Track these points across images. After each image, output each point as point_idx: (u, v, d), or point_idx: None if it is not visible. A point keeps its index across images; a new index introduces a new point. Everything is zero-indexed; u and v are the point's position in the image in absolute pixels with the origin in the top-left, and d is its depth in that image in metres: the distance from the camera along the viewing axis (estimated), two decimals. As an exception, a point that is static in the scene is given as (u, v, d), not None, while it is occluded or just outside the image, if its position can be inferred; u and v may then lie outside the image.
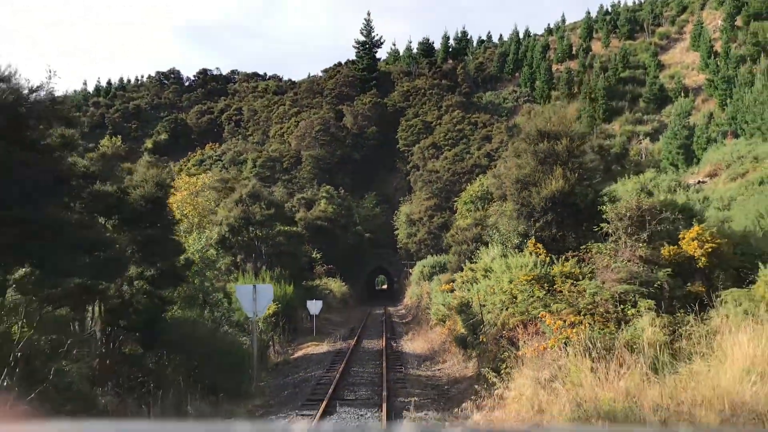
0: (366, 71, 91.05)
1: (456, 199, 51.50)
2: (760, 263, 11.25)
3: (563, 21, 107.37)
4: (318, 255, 38.75)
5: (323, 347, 22.20)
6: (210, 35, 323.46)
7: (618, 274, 11.04)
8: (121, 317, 12.80)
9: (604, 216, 12.19)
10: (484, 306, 12.66)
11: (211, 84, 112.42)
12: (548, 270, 12.11)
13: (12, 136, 6.08)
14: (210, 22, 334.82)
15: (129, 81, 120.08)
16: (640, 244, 11.45)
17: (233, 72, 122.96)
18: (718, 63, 71.60)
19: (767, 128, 41.47)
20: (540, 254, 12.88)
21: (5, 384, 8.24)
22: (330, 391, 12.70)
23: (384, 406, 11.10)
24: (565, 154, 13.60)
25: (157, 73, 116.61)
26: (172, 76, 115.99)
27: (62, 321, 11.29)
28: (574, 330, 9.63)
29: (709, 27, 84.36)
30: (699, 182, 39.26)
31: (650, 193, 37.34)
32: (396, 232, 61.75)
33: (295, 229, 32.67)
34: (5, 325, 8.34)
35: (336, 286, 41.71)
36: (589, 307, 10.39)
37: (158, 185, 13.76)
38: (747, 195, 25.14)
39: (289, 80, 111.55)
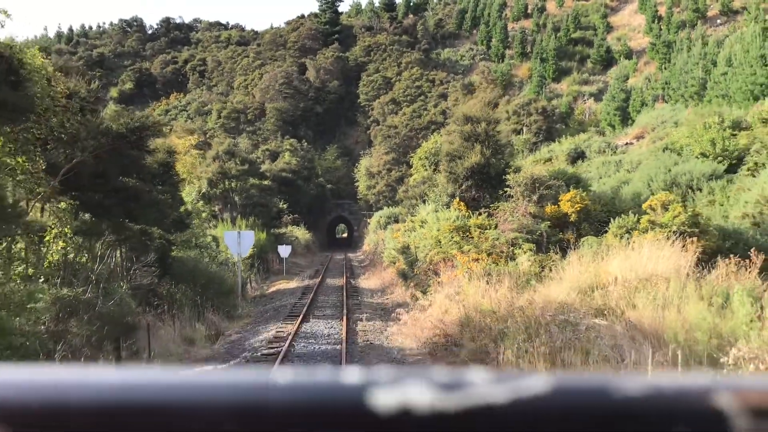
0: (328, 24, 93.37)
1: (412, 154, 55.51)
2: (611, 219, 15.79)
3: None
4: (285, 205, 42.65)
5: (293, 284, 26.46)
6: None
7: (512, 225, 15.42)
8: (141, 254, 16.75)
9: (507, 183, 16.50)
10: (418, 248, 16.95)
11: (174, 33, 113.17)
12: (466, 222, 16.41)
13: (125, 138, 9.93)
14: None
15: (91, 28, 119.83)
16: (531, 204, 15.82)
17: (196, 20, 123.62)
18: (661, 27, 76.12)
19: (689, 95, 46.25)
20: (461, 210, 17.16)
21: (90, 295, 12.25)
22: (304, 310, 16.98)
23: (344, 318, 15.42)
24: (483, 135, 17.78)
25: (120, 20, 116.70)
26: (135, 24, 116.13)
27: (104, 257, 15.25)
28: (476, 264, 14.00)
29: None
30: (627, 144, 43.97)
31: (582, 154, 42.12)
32: (356, 184, 65.53)
33: (265, 182, 36.55)
34: (90, 259, 12.28)
35: (301, 233, 45.80)
36: (489, 248, 14.76)
37: (168, 152, 17.60)
38: (651, 160, 29.72)
39: (252, 30, 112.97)
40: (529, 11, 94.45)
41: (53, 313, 9.83)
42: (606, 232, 15.54)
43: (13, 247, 8.41)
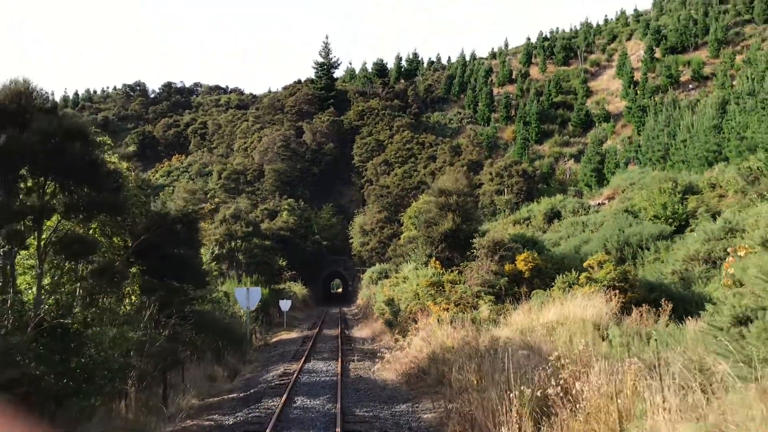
0: (324, 90, 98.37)
1: (403, 213, 59.16)
2: (559, 275, 19.24)
3: (506, 45, 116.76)
4: (284, 262, 46.02)
5: (293, 334, 29.64)
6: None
7: (477, 280, 18.87)
8: (167, 308, 20.00)
9: (474, 245, 20.00)
10: (401, 300, 20.31)
11: (175, 97, 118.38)
12: (440, 278, 19.83)
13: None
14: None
15: (95, 92, 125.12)
16: (492, 263, 19.30)
17: (196, 84, 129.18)
18: (637, 92, 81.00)
19: (656, 159, 50.31)
20: (437, 268, 20.59)
21: (143, 338, 15.45)
22: (305, 354, 20.20)
23: (339, 359, 18.68)
24: (455, 205, 21.41)
25: (124, 85, 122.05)
26: (138, 88, 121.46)
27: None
28: (445, 312, 17.38)
29: (633, 57, 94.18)
30: (599, 204, 47.72)
31: (558, 214, 45.56)
32: (351, 241, 68.81)
33: (267, 242, 40.00)
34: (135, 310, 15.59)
35: (298, 289, 48.98)
36: (457, 300, 18.16)
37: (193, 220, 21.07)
38: (611, 221, 33.33)
39: (251, 94, 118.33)
40: (513, 77, 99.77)
41: (122, 350, 13.17)
42: (553, 286, 18.99)
43: (108, 301, 11.78)
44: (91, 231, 11.79)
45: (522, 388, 7.34)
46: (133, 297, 13.49)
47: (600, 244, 27.93)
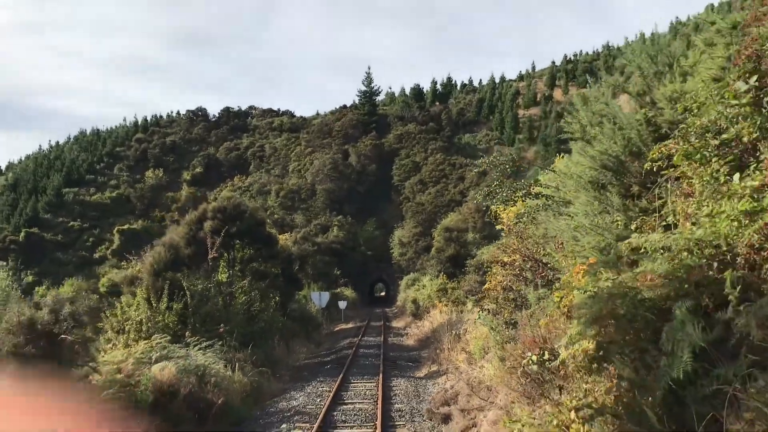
0: (367, 115, 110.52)
1: (435, 229, 70.51)
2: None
3: (533, 68, 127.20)
4: (338, 272, 58.03)
5: (350, 325, 41.56)
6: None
7: (467, 287, 30.45)
8: (284, 303, 32.01)
9: (467, 265, 31.56)
10: (420, 300, 31.92)
11: (233, 121, 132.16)
12: (446, 286, 31.38)
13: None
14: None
15: (162, 117, 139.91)
16: (477, 276, 30.81)
17: (251, 107, 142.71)
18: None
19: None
20: (444, 279, 32.20)
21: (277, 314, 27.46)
22: (361, 334, 32.03)
23: (383, 336, 30.41)
24: (455, 238, 32.93)
25: (187, 111, 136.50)
26: (200, 113, 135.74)
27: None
28: (445, 307, 29.05)
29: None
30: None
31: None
32: (391, 251, 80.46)
33: (327, 258, 52.07)
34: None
35: (349, 293, 60.89)
36: (454, 299, 29.77)
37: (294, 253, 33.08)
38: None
39: (301, 117, 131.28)
40: (538, 99, 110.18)
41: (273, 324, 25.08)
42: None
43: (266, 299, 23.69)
44: (263, 266, 23.79)
45: (453, 331, 18.93)
46: (276, 298, 25.46)
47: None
